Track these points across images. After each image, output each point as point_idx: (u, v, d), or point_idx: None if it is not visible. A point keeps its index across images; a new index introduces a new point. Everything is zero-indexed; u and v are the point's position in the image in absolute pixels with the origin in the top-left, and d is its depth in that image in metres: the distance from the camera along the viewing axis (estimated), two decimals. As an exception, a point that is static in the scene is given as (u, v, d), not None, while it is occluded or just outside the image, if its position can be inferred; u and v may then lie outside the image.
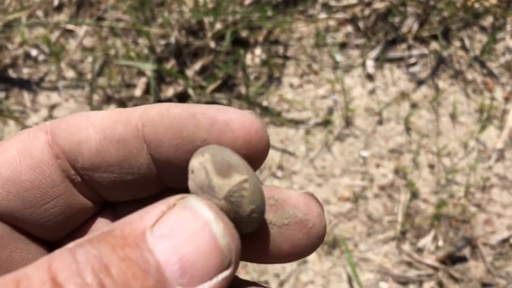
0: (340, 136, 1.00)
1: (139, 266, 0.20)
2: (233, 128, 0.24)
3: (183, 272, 0.21)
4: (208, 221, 0.22)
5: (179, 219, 0.21)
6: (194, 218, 0.22)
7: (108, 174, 0.25)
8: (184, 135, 0.24)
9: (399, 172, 0.97)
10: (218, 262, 0.21)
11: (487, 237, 0.93)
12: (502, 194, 0.96)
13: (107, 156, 0.25)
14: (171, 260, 0.20)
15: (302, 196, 0.25)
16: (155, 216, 0.21)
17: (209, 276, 0.21)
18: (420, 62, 1.05)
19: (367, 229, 0.94)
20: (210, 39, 1.02)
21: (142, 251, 0.20)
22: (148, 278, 0.20)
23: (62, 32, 1.09)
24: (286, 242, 0.24)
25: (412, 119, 1.01)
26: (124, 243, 0.20)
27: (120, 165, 0.25)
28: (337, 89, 1.03)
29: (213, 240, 0.21)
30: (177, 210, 0.22)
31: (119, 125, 0.25)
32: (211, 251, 0.21)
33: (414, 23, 1.06)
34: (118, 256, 0.20)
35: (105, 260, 0.20)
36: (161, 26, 1.04)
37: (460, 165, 0.98)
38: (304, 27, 1.08)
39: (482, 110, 1.01)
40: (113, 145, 0.25)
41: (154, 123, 0.25)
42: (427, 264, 0.91)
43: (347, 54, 1.06)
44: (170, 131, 0.24)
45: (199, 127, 0.24)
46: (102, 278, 0.19)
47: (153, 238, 0.21)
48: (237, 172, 0.23)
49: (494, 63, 1.04)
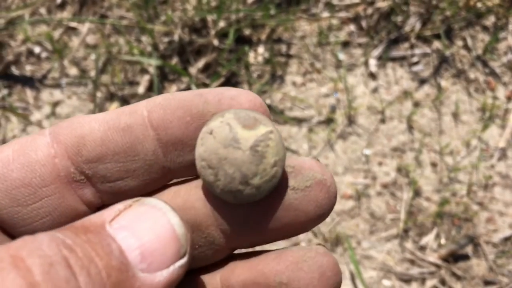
0: (343, 134, 1.00)
1: (102, 248, 0.21)
2: (240, 101, 0.25)
3: (143, 258, 0.21)
4: (166, 212, 0.23)
5: (137, 213, 0.23)
6: (153, 211, 0.23)
7: (113, 164, 0.26)
8: (194, 112, 0.25)
9: (402, 170, 0.97)
10: (176, 250, 0.22)
11: (490, 235, 0.93)
12: (504, 192, 0.96)
13: (112, 144, 0.25)
14: (131, 246, 0.21)
15: (313, 160, 0.26)
16: (113, 213, 0.22)
17: (168, 263, 0.22)
18: (422, 61, 1.05)
19: (370, 227, 0.94)
20: (214, 37, 1.03)
21: (104, 237, 0.21)
22: (112, 258, 0.20)
23: (65, 29, 1.09)
24: (311, 203, 0.25)
25: (415, 118, 1.01)
26: (85, 231, 0.21)
27: (126, 152, 0.25)
28: (339, 88, 1.03)
29: (171, 229, 0.22)
30: (135, 207, 0.23)
31: (123, 116, 0.26)
32: (170, 240, 0.22)
33: (417, 22, 1.06)
34: (81, 239, 0.20)
35: (68, 241, 0.20)
36: (165, 23, 1.04)
37: (463, 163, 0.98)
38: (307, 26, 1.08)
39: (485, 109, 1.01)
40: (119, 133, 0.25)
41: (161, 106, 0.25)
42: (429, 262, 0.92)
43: (350, 53, 1.06)
44: (179, 110, 0.25)
45: (207, 102, 0.25)
46: (65, 254, 0.19)
47: (112, 229, 0.22)
48: (263, 124, 0.24)
49: (496, 63, 1.04)
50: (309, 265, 0.25)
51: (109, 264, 0.20)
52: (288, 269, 0.25)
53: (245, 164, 0.24)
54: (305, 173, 0.25)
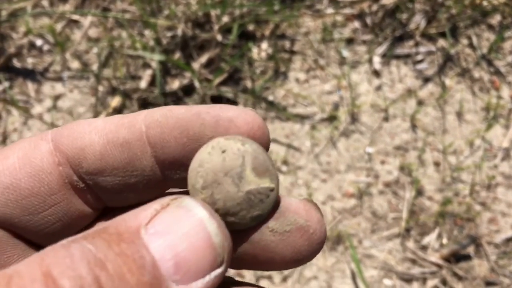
0: (346, 132, 1.00)
1: (135, 261, 0.20)
2: (237, 124, 0.25)
3: (177, 269, 0.21)
4: (203, 219, 0.22)
5: (173, 217, 0.22)
6: (189, 216, 0.22)
7: (112, 178, 0.26)
8: (191, 134, 0.25)
9: (404, 169, 0.97)
10: (212, 260, 0.22)
11: (492, 236, 0.93)
12: (507, 193, 0.95)
13: (111, 159, 0.25)
14: (165, 256, 0.21)
15: (302, 202, 0.25)
16: (149, 214, 0.22)
17: (203, 273, 0.21)
18: (427, 59, 1.05)
19: (372, 226, 0.94)
20: (217, 32, 1.02)
21: (138, 247, 0.20)
22: (144, 273, 0.20)
23: (67, 22, 1.08)
24: (288, 249, 0.25)
25: (418, 116, 1.00)
26: (119, 239, 0.20)
27: (124, 168, 0.25)
28: (343, 85, 1.03)
29: (207, 238, 0.22)
30: (171, 209, 0.22)
31: (122, 129, 0.25)
32: (205, 249, 0.21)
33: (422, 20, 1.05)
34: (113, 251, 0.20)
35: (100, 254, 0.20)
36: (168, 18, 1.03)
37: (466, 163, 0.97)
38: (311, 22, 1.07)
39: (489, 108, 1.00)
40: (117, 148, 0.25)
41: (158, 124, 0.25)
42: (431, 262, 0.91)
43: (354, 50, 1.06)
44: (176, 130, 0.25)
45: (205, 125, 0.25)
46: (97, 272, 0.19)
47: (147, 236, 0.21)
48: (270, 179, 0.24)
49: (501, 62, 1.04)
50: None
51: (140, 280, 0.20)
52: None
53: (232, 201, 0.24)
54: (287, 217, 0.25)
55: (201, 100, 0.99)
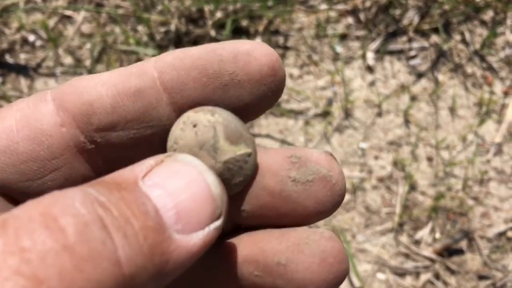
0: (339, 128, 1.00)
1: (138, 207, 0.19)
2: (256, 56, 0.24)
3: (179, 218, 0.20)
4: (201, 171, 0.21)
5: (171, 170, 0.21)
6: (187, 168, 0.21)
7: (127, 132, 0.24)
8: (210, 72, 0.24)
9: (398, 164, 0.97)
10: (212, 211, 0.21)
11: (484, 230, 0.93)
12: (499, 187, 0.96)
13: (124, 111, 0.24)
14: (167, 205, 0.20)
15: (323, 154, 0.25)
16: (145, 168, 0.21)
17: (203, 224, 0.21)
18: (420, 55, 1.05)
19: (365, 221, 0.94)
20: (211, 27, 1.02)
21: (138, 194, 0.20)
22: (148, 218, 0.19)
23: (60, 17, 1.07)
24: (310, 199, 0.24)
25: (411, 112, 1.01)
26: (118, 187, 0.20)
27: (139, 118, 0.24)
28: (337, 81, 1.03)
29: (207, 189, 0.21)
30: (167, 163, 0.21)
31: (132, 78, 0.24)
32: (206, 200, 0.21)
33: (415, 16, 1.06)
34: (115, 196, 0.19)
35: (102, 198, 0.19)
36: (161, 13, 1.03)
37: (459, 158, 0.98)
38: (305, 18, 1.07)
39: (481, 104, 1.01)
40: (129, 98, 0.24)
41: (173, 67, 0.24)
42: (424, 256, 0.92)
43: (348, 45, 1.06)
44: (194, 71, 0.24)
45: (223, 61, 0.23)
46: (100, 212, 0.18)
47: (146, 187, 0.20)
48: (245, 144, 0.24)
49: (494, 57, 1.04)
50: (311, 248, 0.24)
51: (145, 225, 0.19)
52: (288, 250, 0.24)
53: None
54: (310, 166, 0.24)
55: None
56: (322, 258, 0.23)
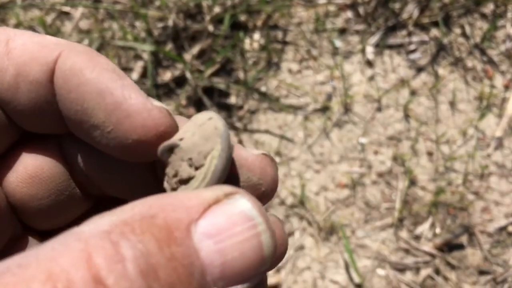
0: (339, 123, 1.00)
1: (185, 268, 0.19)
2: (133, 123, 0.23)
3: (222, 276, 0.20)
4: (259, 230, 0.21)
5: (227, 219, 0.20)
6: (244, 222, 0.20)
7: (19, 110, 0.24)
8: (85, 107, 0.23)
9: (398, 159, 0.97)
10: (256, 271, 0.20)
11: (485, 225, 0.93)
12: (500, 182, 0.95)
13: (19, 94, 0.24)
14: (214, 263, 0.19)
15: (258, 158, 0.24)
16: (201, 208, 0.20)
17: (243, 281, 0.20)
18: (420, 49, 1.04)
19: (365, 216, 0.94)
20: (209, 22, 1.01)
21: (189, 251, 0.19)
22: (192, 281, 0.19)
23: (57, 14, 1.07)
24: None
25: (411, 106, 1.00)
26: (169, 240, 0.19)
27: (32, 105, 0.24)
28: (336, 75, 1.02)
29: (260, 249, 0.20)
30: (225, 207, 0.20)
31: (35, 64, 0.23)
32: (255, 260, 0.20)
33: (415, 10, 1.05)
34: (165, 255, 0.19)
35: (153, 260, 0.18)
36: (159, 9, 1.02)
37: (459, 153, 0.97)
38: (304, 12, 1.07)
39: (482, 98, 1.00)
40: (26, 85, 0.23)
41: (64, 77, 0.23)
42: (424, 251, 0.91)
43: (347, 40, 1.05)
44: (74, 95, 0.23)
45: (100, 105, 0.23)
46: (150, 283, 0.18)
47: (197, 235, 0.19)
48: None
49: (494, 51, 1.03)
50: None
51: None
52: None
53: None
54: (242, 173, 0.24)
55: (193, 91, 0.98)
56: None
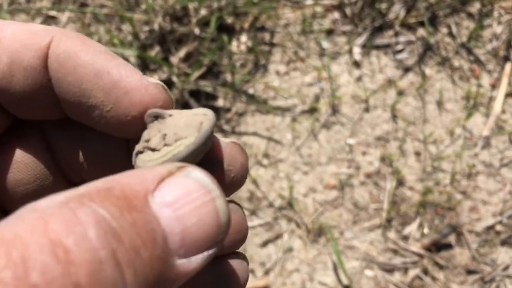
0: (327, 124, 1.00)
1: (148, 233, 0.19)
2: (131, 99, 0.23)
3: (183, 243, 0.20)
4: (214, 196, 0.21)
5: (183, 188, 0.21)
6: (200, 190, 0.21)
7: (14, 98, 0.24)
8: (83, 88, 0.23)
9: (385, 159, 0.97)
10: (215, 237, 0.21)
11: (472, 224, 0.93)
12: (487, 181, 0.96)
13: (14, 82, 0.24)
14: (174, 230, 0.20)
15: (228, 146, 0.24)
16: (156, 179, 0.20)
17: (203, 250, 0.21)
18: (407, 49, 1.04)
19: (353, 217, 0.94)
20: (195, 25, 1.01)
21: (149, 218, 0.19)
22: (156, 247, 0.19)
23: (44, 18, 1.07)
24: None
25: (399, 107, 1.00)
26: (129, 207, 0.19)
27: (27, 92, 0.24)
28: (323, 77, 1.02)
29: (216, 216, 0.21)
30: (179, 178, 0.21)
31: (27, 51, 0.24)
32: (212, 227, 0.21)
33: (401, 10, 1.05)
34: (127, 220, 0.19)
35: (115, 224, 0.18)
36: (145, 12, 1.02)
37: (446, 152, 0.97)
38: (291, 14, 1.07)
39: (469, 97, 1.00)
40: (21, 72, 0.24)
41: (59, 62, 0.23)
42: (412, 252, 0.91)
43: (334, 41, 1.05)
44: (71, 77, 0.23)
45: (99, 85, 0.23)
46: (114, 245, 0.18)
47: (156, 205, 0.20)
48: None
49: (481, 50, 1.03)
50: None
51: (153, 254, 0.19)
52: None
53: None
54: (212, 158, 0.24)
55: (180, 94, 0.98)
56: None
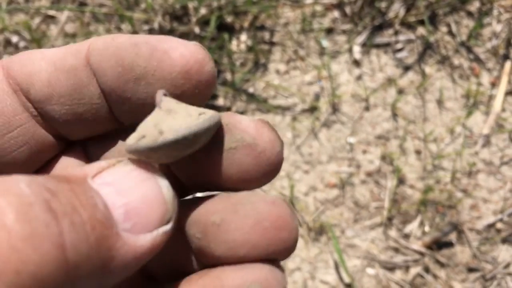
0: (327, 123, 0.99)
1: (87, 199, 0.19)
2: (172, 56, 0.23)
3: (127, 217, 0.20)
4: (153, 173, 0.22)
5: (123, 172, 0.21)
6: (139, 171, 0.21)
7: (60, 107, 0.25)
8: (126, 63, 0.24)
9: (386, 158, 0.97)
10: (161, 214, 0.21)
11: (473, 222, 0.93)
12: (488, 179, 0.96)
13: (58, 86, 0.25)
14: (116, 203, 0.20)
15: (253, 122, 0.24)
16: (95, 169, 0.21)
17: (152, 227, 0.21)
18: (406, 47, 1.04)
19: (354, 216, 0.94)
20: (195, 24, 1.01)
21: (88, 189, 0.20)
22: (97, 211, 0.19)
23: (43, 18, 1.06)
24: (233, 167, 0.24)
25: (399, 105, 1.00)
26: (68, 180, 0.19)
27: (71, 95, 0.25)
28: (323, 75, 1.02)
29: (159, 191, 0.21)
30: (119, 166, 0.21)
31: (69, 56, 0.25)
32: (156, 202, 0.21)
33: (401, 8, 1.05)
34: (63, 186, 0.19)
35: (50, 185, 0.18)
36: (145, 11, 1.02)
37: (447, 150, 0.98)
38: (290, 13, 1.06)
39: (469, 95, 1.00)
40: (64, 75, 0.25)
41: (99, 51, 0.24)
42: (413, 250, 0.91)
43: (334, 39, 1.05)
44: (113, 59, 0.24)
45: (139, 55, 0.24)
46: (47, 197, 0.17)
47: (95, 185, 0.20)
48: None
49: (480, 49, 1.04)
50: (245, 209, 0.22)
51: (93, 216, 0.18)
52: (225, 210, 0.23)
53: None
54: (234, 134, 0.24)
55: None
56: (257, 220, 0.22)
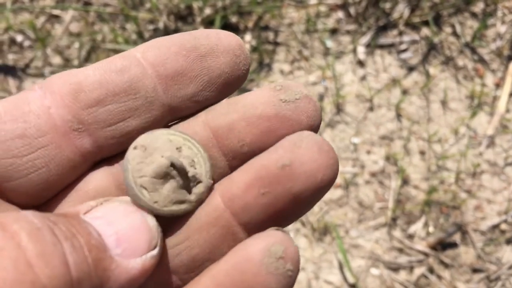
0: (331, 123, 1.00)
1: (82, 229, 0.22)
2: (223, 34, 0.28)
3: (119, 243, 0.23)
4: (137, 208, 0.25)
5: (110, 207, 0.24)
6: (125, 205, 0.25)
7: (115, 105, 0.26)
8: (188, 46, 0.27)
9: (390, 158, 0.97)
10: (149, 240, 0.24)
11: (478, 223, 0.93)
12: (492, 180, 0.96)
13: (111, 85, 0.26)
14: (107, 232, 0.23)
15: (299, 83, 0.28)
16: (86, 207, 0.24)
17: (141, 252, 0.23)
18: (411, 48, 1.04)
19: (358, 216, 0.94)
20: (199, 24, 1.01)
21: (81, 221, 0.22)
22: (92, 238, 0.22)
23: (48, 17, 1.06)
24: (303, 114, 0.26)
25: (403, 106, 1.00)
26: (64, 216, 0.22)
27: (126, 91, 0.26)
28: (327, 76, 1.02)
29: (144, 220, 0.24)
30: (106, 204, 0.24)
31: (117, 59, 0.26)
32: (142, 229, 0.24)
33: (405, 9, 1.05)
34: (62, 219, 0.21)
35: (52, 218, 0.21)
36: (149, 11, 1.02)
37: (451, 151, 0.98)
38: (295, 13, 1.07)
39: (473, 96, 1.00)
40: (116, 73, 0.26)
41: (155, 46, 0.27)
42: (417, 250, 0.91)
43: (338, 40, 1.05)
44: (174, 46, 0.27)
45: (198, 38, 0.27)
46: (51, 224, 0.20)
47: (87, 218, 0.23)
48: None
49: (485, 49, 1.04)
50: (306, 141, 0.25)
51: (89, 241, 0.21)
52: (287, 151, 0.25)
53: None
54: (293, 89, 0.27)
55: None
56: (319, 146, 0.25)
